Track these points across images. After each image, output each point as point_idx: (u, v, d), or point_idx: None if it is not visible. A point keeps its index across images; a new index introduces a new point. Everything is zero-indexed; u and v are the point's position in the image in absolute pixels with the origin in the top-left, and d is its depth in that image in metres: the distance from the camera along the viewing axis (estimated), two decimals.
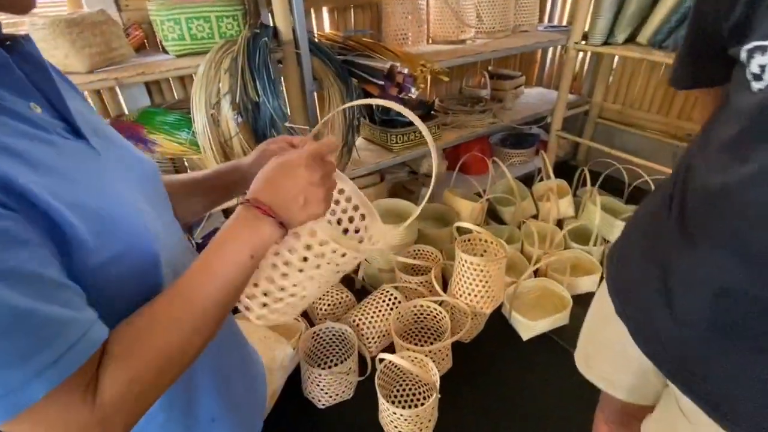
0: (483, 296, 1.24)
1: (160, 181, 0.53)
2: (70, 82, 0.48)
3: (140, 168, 0.48)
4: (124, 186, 0.42)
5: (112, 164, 0.43)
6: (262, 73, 1.15)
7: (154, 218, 0.44)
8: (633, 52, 1.77)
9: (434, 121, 1.77)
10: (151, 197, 0.47)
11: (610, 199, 1.82)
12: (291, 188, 0.44)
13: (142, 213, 0.42)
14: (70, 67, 1.08)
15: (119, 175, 0.43)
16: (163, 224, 0.46)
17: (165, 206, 0.51)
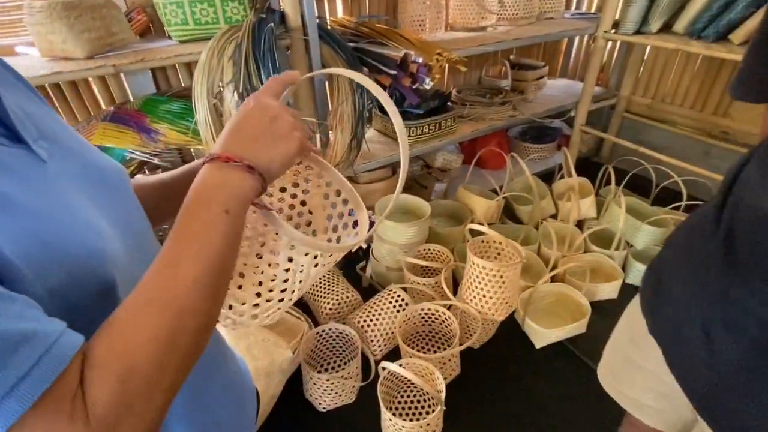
0: (495, 303, 1.17)
1: (129, 188, 0.47)
2: (17, 75, 0.43)
3: (101, 175, 0.42)
4: (76, 198, 0.37)
5: (63, 172, 0.37)
6: (267, 61, 1.09)
7: (112, 235, 0.39)
8: (668, 42, 1.64)
9: (450, 113, 1.68)
10: (112, 208, 0.41)
11: (635, 200, 1.71)
12: (252, 129, 0.41)
13: (95, 231, 0.36)
14: (68, 53, 1.04)
15: (71, 184, 0.37)
16: (127, 240, 0.41)
17: (132, 217, 0.45)
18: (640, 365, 0.68)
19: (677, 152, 1.91)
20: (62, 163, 0.38)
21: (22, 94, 0.41)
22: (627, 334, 0.73)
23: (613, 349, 0.79)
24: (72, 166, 0.39)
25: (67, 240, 0.33)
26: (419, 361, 1.12)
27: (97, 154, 0.45)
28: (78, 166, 0.40)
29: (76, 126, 1.24)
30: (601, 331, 1.39)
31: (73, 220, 0.35)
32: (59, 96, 1.29)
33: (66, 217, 0.34)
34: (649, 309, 0.64)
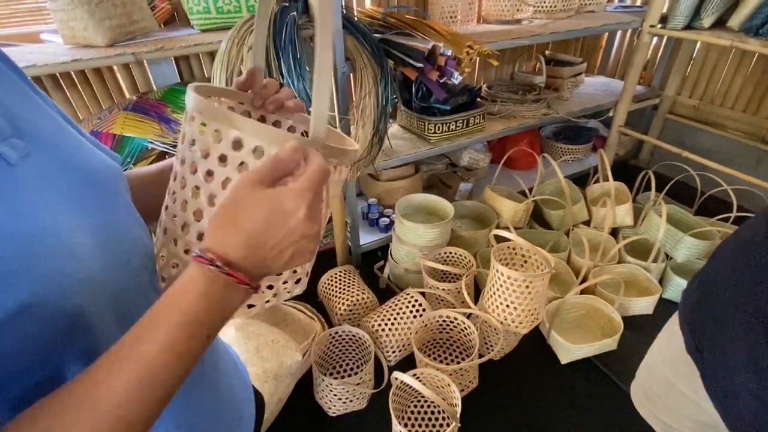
0: (519, 314, 1.09)
1: (122, 193, 0.42)
2: (10, 63, 0.38)
3: (89, 177, 0.38)
4: (50, 206, 0.32)
5: (37, 176, 0.33)
6: (288, 53, 1.04)
7: (91, 251, 0.34)
8: (722, 39, 1.50)
9: (479, 109, 1.60)
10: (98, 218, 0.37)
11: (676, 209, 1.59)
12: (280, 241, 0.33)
13: (70, 247, 0.32)
14: (90, 40, 1.02)
15: (46, 190, 0.33)
16: (108, 257, 0.36)
17: (121, 229, 0.40)
18: (679, 390, 0.63)
19: (726, 158, 1.77)
20: (39, 165, 0.33)
21: (14, 87, 0.37)
22: (666, 355, 0.67)
23: (649, 369, 0.73)
24: (52, 168, 0.35)
25: (29, 255, 0.29)
26: (435, 372, 1.06)
27: (90, 153, 0.41)
28: (61, 168, 0.36)
29: (98, 114, 1.23)
30: (634, 350, 1.30)
31: (40, 231, 0.30)
32: (84, 82, 1.29)
33: (33, 228, 0.30)
34: (689, 326, 0.60)
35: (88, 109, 1.33)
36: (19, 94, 0.38)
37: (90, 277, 0.33)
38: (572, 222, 1.61)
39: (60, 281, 0.30)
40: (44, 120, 0.39)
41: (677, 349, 0.60)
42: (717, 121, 1.98)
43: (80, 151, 0.40)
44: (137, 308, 0.38)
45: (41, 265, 0.29)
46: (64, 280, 0.31)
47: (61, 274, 0.31)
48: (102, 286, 0.34)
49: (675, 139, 2.08)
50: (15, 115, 0.34)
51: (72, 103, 1.29)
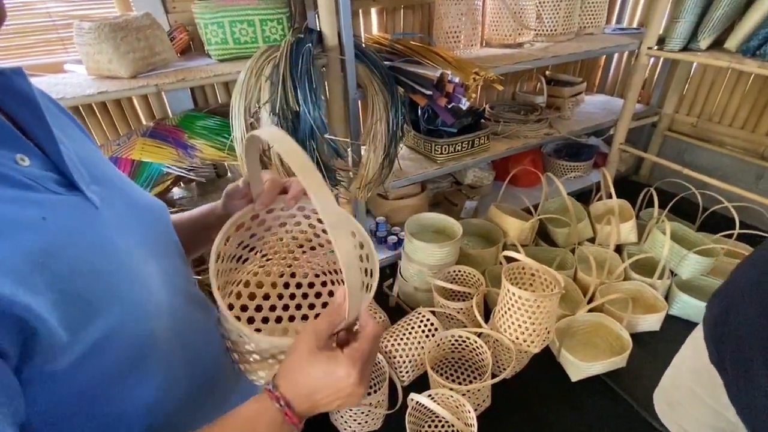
0: (531, 334, 1.12)
1: (170, 222, 0.47)
2: (68, 115, 0.43)
3: (148, 213, 0.42)
4: (127, 242, 0.37)
5: (115, 215, 0.37)
6: (304, 82, 1.08)
7: (158, 275, 0.38)
8: (719, 60, 1.55)
9: (483, 130, 1.65)
10: (159, 247, 0.41)
11: (679, 226, 1.62)
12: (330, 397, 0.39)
13: (144, 278, 0.36)
14: (114, 72, 1.06)
15: (123, 227, 0.38)
16: (169, 280, 0.41)
17: (172, 254, 0.46)
18: (701, 399, 0.65)
19: (725, 175, 1.81)
20: (113, 207, 0.38)
21: (74, 134, 0.41)
22: (690, 364, 0.69)
23: (672, 378, 0.75)
24: (122, 208, 0.39)
25: (113, 291, 0.33)
26: (449, 392, 1.08)
27: (140, 191, 0.45)
28: (127, 208, 0.40)
29: (116, 140, 1.27)
30: (643, 366, 1.32)
31: (123, 265, 0.35)
32: (102, 110, 1.33)
33: (117, 264, 0.34)
34: (713, 339, 0.61)
35: (105, 135, 1.37)
36: (79, 141, 0.42)
37: (158, 304, 0.37)
38: (577, 239, 1.64)
39: (137, 308, 0.35)
40: (104, 164, 0.43)
41: (701, 360, 0.62)
42: (715, 138, 2.03)
43: (135, 191, 0.44)
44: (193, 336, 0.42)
45: (124, 295, 0.34)
46: (140, 307, 0.35)
47: (138, 302, 0.35)
48: (168, 313, 0.38)
49: (674, 156, 2.12)
50: (87, 163, 0.38)
51: (91, 129, 1.33)
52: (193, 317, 0.46)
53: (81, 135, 0.43)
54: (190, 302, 0.46)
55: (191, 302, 0.47)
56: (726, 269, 1.52)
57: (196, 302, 0.49)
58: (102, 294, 0.32)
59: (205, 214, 0.57)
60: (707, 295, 1.47)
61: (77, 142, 0.40)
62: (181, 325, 0.42)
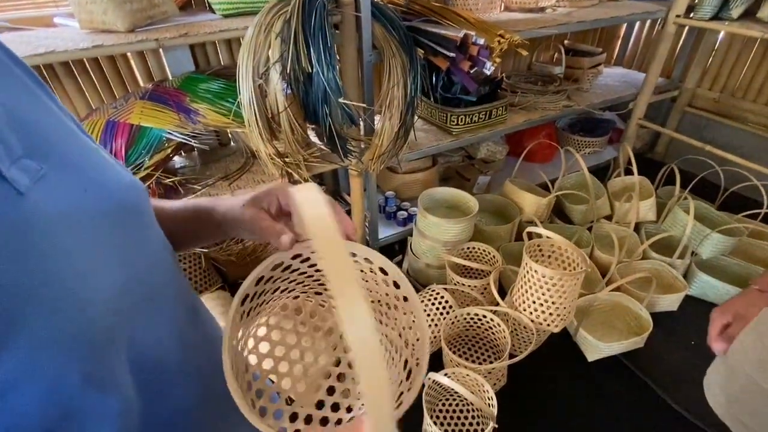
0: (552, 313, 1.07)
1: (148, 212, 0.38)
2: (18, 61, 0.32)
3: (109, 197, 0.32)
4: (70, 240, 0.27)
5: (50, 204, 0.27)
6: (318, 40, 0.99)
7: (116, 278, 0.30)
8: (752, 30, 1.46)
9: (501, 101, 1.56)
10: (129, 244, 0.33)
11: (700, 205, 1.57)
12: None
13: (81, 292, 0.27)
14: (109, 25, 0.97)
15: (62, 220, 0.28)
16: (138, 278, 0.33)
17: (150, 252, 0.36)
18: (766, 392, 0.60)
19: (746, 153, 1.74)
20: (54, 190, 0.28)
21: (20, 88, 0.31)
22: (752, 355, 0.64)
23: (732, 369, 0.70)
24: (71, 192, 0.29)
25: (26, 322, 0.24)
26: (466, 371, 1.04)
27: (113, 170, 0.35)
28: (81, 191, 0.30)
29: (113, 102, 1.18)
30: (660, 347, 1.29)
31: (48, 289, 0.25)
32: (96, 69, 1.23)
33: (36, 283, 0.25)
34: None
35: (100, 97, 1.28)
36: (28, 98, 0.32)
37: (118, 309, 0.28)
38: (595, 217, 1.58)
39: (63, 340, 0.25)
40: (64, 134, 0.32)
41: (767, 348, 0.57)
42: (738, 114, 1.95)
43: (105, 170, 0.34)
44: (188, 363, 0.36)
45: (43, 321, 0.24)
46: (68, 338, 0.25)
47: (68, 330, 0.25)
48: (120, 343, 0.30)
49: (693, 133, 2.05)
50: (26, 128, 0.29)
51: (84, 91, 1.24)
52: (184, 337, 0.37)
53: (32, 86, 0.33)
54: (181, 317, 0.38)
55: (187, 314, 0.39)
56: (748, 250, 1.48)
57: (190, 312, 0.41)
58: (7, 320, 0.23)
59: (203, 209, 0.46)
60: (727, 275, 1.44)
61: (21, 100, 0.30)
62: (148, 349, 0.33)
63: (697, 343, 1.28)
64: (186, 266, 1.35)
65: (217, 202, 0.46)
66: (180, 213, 0.47)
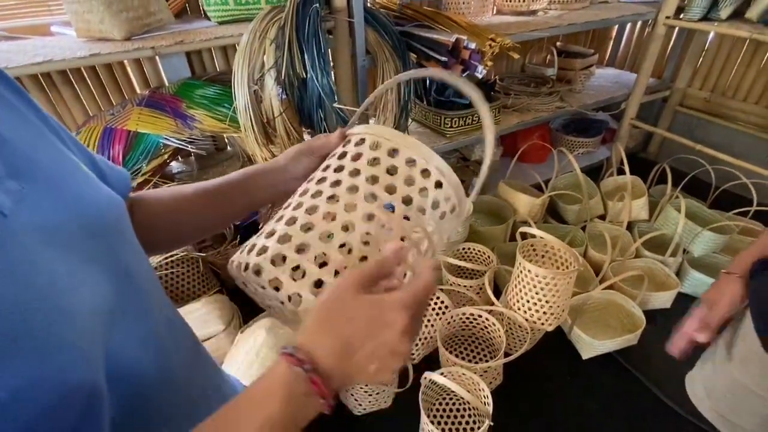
0: (546, 312, 1.09)
1: (126, 221, 0.38)
2: (8, 84, 0.33)
3: (89, 215, 0.33)
4: (49, 258, 0.28)
5: (38, 222, 0.28)
6: (312, 46, 1.01)
7: (98, 291, 0.30)
8: (741, 30, 1.49)
9: (495, 103, 1.58)
10: (104, 251, 0.33)
11: (692, 203, 1.59)
12: (370, 353, 0.31)
13: (68, 306, 0.27)
14: (106, 33, 0.98)
15: (44, 239, 0.28)
16: (119, 291, 0.33)
17: (125, 259, 0.36)
18: (747, 388, 0.62)
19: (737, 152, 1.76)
20: (36, 210, 0.28)
21: (3, 109, 0.32)
22: (736, 352, 0.66)
23: (714, 367, 0.72)
24: (52, 212, 0.30)
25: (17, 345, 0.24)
26: (462, 370, 1.06)
27: (95, 188, 0.36)
28: (62, 210, 0.31)
29: (110, 109, 1.20)
30: (654, 344, 1.31)
31: (36, 308, 0.25)
32: (93, 77, 1.25)
33: (21, 298, 0.25)
34: (759, 310, 0.59)
35: (97, 104, 1.29)
36: (8, 114, 0.32)
37: (91, 342, 0.28)
38: (588, 216, 1.60)
39: (59, 354, 0.26)
40: (44, 149, 0.33)
41: (749, 349, 0.59)
42: (728, 113, 1.98)
43: (84, 187, 0.34)
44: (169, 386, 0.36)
45: (38, 341, 0.25)
46: (63, 352, 0.26)
47: (59, 345, 0.26)
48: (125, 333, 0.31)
49: (685, 132, 2.07)
50: (9, 148, 0.29)
51: (81, 98, 1.25)
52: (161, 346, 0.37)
53: (15, 110, 0.33)
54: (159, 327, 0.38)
55: (165, 324, 0.39)
56: (739, 247, 1.50)
57: (167, 322, 0.41)
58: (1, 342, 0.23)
59: (245, 178, 0.51)
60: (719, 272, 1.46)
61: (2, 118, 0.31)
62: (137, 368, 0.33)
63: None
64: (184, 270, 1.37)
65: (253, 167, 0.51)
66: (229, 181, 0.50)
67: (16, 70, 0.84)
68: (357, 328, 0.31)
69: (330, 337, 0.31)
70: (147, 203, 0.47)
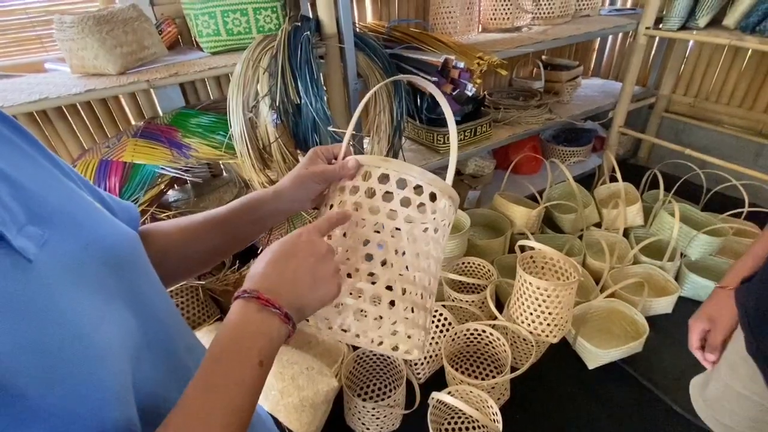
0: (550, 324, 1.09)
1: (143, 254, 0.39)
2: (10, 122, 0.34)
3: (108, 253, 0.33)
4: (75, 299, 0.28)
5: (61, 264, 0.29)
6: (304, 72, 1.03)
7: (123, 326, 0.31)
8: (719, 37, 1.54)
9: (485, 118, 1.61)
10: (125, 286, 0.34)
11: (685, 207, 1.61)
12: (295, 268, 0.38)
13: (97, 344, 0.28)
14: (100, 69, 1.00)
15: (69, 281, 0.29)
16: (142, 323, 0.34)
17: (146, 291, 0.37)
18: (737, 391, 0.63)
19: (724, 154, 1.80)
20: (59, 253, 0.29)
21: (18, 154, 0.32)
22: (724, 357, 0.66)
23: (707, 373, 0.72)
24: (74, 253, 0.30)
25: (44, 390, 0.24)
26: (469, 388, 1.05)
27: (110, 225, 0.36)
28: (82, 250, 0.31)
29: (106, 142, 1.20)
30: (658, 350, 1.31)
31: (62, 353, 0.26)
32: (88, 110, 1.25)
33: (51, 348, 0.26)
34: (751, 328, 0.59)
35: (92, 137, 1.30)
36: (26, 163, 0.32)
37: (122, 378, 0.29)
38: (584, 225, 1.62)
39: (94, 393, 0.26)
40: (57, 191, 0.33)
41: (736, 351, 0.60)
42: (713, 117, 2.02)
43: (100, 224, 0.35)
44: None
45: (69, 378, 0.25)
46: (97, 391, 0.27)
47: (93, 385, 0.27)
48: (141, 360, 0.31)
49: (672, 137, 2.11)
50: (28, 194, 0.30)
51: (77, 132, 1.26)
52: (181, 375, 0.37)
53: (25, 154, 0.33)
54: (180, 355, 0.38)
55: (185, 352, 0.39)
56: (734, 248, 1.52)
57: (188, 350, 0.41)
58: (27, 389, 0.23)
59: (251, 205, 0.51)
60: (717, 274, 1.47)
61: (16, 164, 0.31)
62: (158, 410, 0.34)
63: None
64: (183, 299, 1.35)
65: (258, 193, 0.52)
66: (234, 210, 0.51)
67: (13, 109, 0.85)
68: (296, 262, 0.38)
69: (275, 272, 0.37)
70: (154, 238, 0.48)
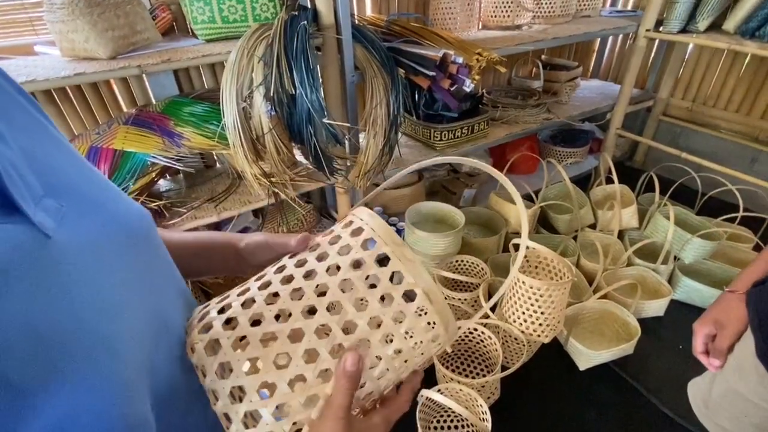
0: (542, 324, 1.08)
1: (156, 234, 0.37)
2: (26, 96, 0.32)
3: (126, 231, 0.32)
4: (95, 281, 0.27)
5: (79, 241, 0.27)
6: (300, 63, 1.01)
7: (141, 308, 0.30)
8: (718, 41, 1.53)
9: (483, 116, 1.60)
10: (146, 278, 0.33)
11: (680, 210, 1.61)
12: None
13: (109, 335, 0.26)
14: (91, 53, 0.97)
15: (88, 262, 0.27)
16: (158, 305, 0.33)
17: (164, 286, 0.37)
18: (743, 397, 0.62)
19: (720, 159, 1.80)
20: (79, 227, 0.28)
21: (35, 126, 0.31)
22: (731, 361, 0.65)
23: (711, 376, 0.71)
24: (93, 230, 0.29)
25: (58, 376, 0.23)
26: (459, 386, 1.04)
27: (126, 202, 0.35)
28: (101, 228, 0.30)
29: (96, 128, 1.18)
30: (649, 352, 1.31)
31: (79, 337, 0.25)
32: (78, 95, 1.23)
33: (69, 330, 0.24)
34: (762, 329, 0.57)
35: (83, 123, 1.27)
36: (42, 136, 0.31)
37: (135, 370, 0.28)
38: (579, 226, 1.61)
39: (102, 383, 0.25)
40: (72, 165, 0.32)
41: (744, 355, 0.59)
42: (710, 121, 2.03)
43: (115, 201, 0.33)
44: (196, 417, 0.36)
45: (77, 366, 0.24)
46: (106, 382, 0.25)
47: (102, 375, 0.25)
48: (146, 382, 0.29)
49: (669, 141, 2.11)
50: (44, 167, 0.28)
51: (66, 117, 1.24)
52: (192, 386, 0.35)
53: (39, 124, 0.31)
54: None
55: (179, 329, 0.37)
56: (728, 253, 1.52)
57: None
58: (43, 373, 0.22)
59: (222, 244, 0.49)
60: (710, 278, 1.47)
61: (31, 134, 0.29)
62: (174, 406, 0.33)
63: (685, 347, 1.30)
64: None
65: (232, 234, 0.49)
66: (191, 243, 0.48)
67: None
68: None
69: None
70: None
